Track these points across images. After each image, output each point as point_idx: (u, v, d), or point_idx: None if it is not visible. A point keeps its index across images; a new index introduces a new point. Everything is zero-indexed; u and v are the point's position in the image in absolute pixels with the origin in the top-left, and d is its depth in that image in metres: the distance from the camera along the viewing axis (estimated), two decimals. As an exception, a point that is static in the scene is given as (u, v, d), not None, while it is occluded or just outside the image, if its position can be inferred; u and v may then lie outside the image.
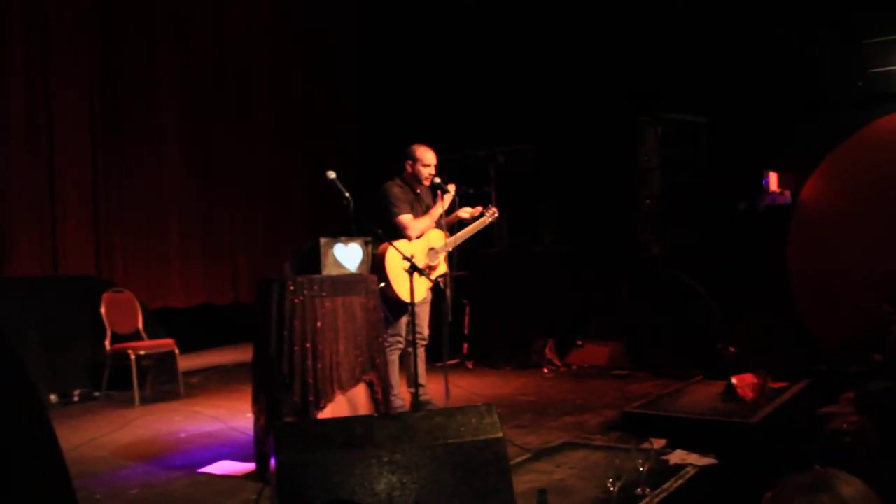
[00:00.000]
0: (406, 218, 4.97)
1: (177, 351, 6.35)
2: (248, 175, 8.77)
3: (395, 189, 5.09)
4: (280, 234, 8.86)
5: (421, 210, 5.18)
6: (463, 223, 5.21)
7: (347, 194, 4.18)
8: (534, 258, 7.77)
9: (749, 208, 6.86)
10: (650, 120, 7.04)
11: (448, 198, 4.97)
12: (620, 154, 7.34)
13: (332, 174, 4.19)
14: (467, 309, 7.71)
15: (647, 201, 7.03)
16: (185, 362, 6.77)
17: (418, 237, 5.02)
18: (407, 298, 4.35)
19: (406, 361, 4.96)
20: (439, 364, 5.58)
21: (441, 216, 5.04)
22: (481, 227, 5.34)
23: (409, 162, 5.13)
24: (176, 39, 8.12)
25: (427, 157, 5.14)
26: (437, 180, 5.06)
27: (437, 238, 5.12)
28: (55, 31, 6.97)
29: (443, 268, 5.09)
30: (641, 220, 7.16)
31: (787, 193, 6.83)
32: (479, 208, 5.23)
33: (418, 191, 5.19)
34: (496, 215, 5.41)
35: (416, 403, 4.41)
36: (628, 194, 7.26)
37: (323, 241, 4.11)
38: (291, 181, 9.23)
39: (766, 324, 6.07)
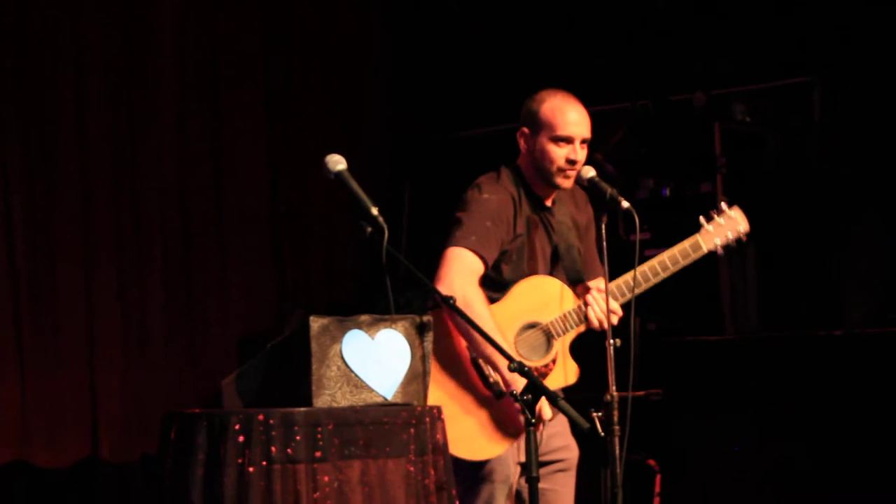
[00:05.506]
0: (464, 259, 4.46)
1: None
2: (138, 180, 7.90)
3: (488, 196, 4.58)
4: (210, 309, 8.04)
5: (536, 255, 4.68)
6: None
7: (375, 210, 3.66)
8: (831, 356, 6.69)
9: None
10: None
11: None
12: None
13: (337, 163, 3.77)
14: (658, 479, 7.00)
15: None
16: None
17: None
18: (476, 455, 4.23)
19: None
20: None
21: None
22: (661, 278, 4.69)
23: (526, 132, 4.58)
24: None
25: (564, 122, 4.52)
26: (592, 175, 4.45)
27: (553, 294, 4.62)
28: None
29: (568, 371, 4.62)
30: None
31: None
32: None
33: (546, 201, 4.66)
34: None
35: None
36: None
37: (315, 323, 3.56)
38: (245, 186, 8.33)
39: None
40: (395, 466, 3.55)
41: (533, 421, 3.61)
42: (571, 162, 4.54)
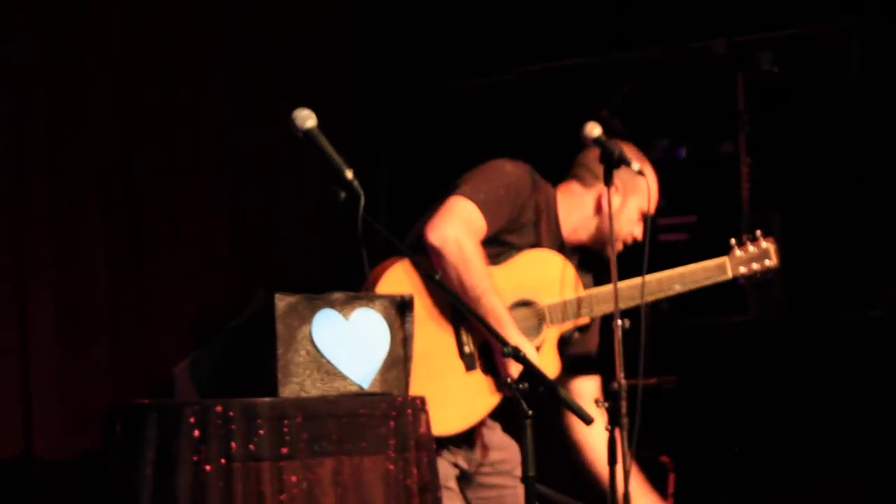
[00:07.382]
0: (467, 210, 4.47)
1: None
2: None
3: (512, 168, 4.57)
4: (160, 286, 7.94)
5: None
6: None
7: (350, 173, 3.64)
8: (869, 342, 6.78)
9: None
10: None
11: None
12: None
13: (306, 119, 3.73)
14: (671, 478, 6.99)
15: None
16: None
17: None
18: (438, 428, 4.00)
19: None
20: None
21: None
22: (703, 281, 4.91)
23: (590, 183, 4.71)
24: None
25: (653, 200, 4.64)
26: (598, 134, 4.47)
27: (555, 274, 4.64)
28: None
29: (549, 364, 4.51)
30: None
31: None
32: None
33: (567, 248, 4.69)
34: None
35: None
36: None
37: (281, 302, 3.57)
38: (200, 144, 8.17)
39: None
40: (373, 464, 3.54)
41: (529, 413, 3.57)
42: (635, 240, 4.72)
